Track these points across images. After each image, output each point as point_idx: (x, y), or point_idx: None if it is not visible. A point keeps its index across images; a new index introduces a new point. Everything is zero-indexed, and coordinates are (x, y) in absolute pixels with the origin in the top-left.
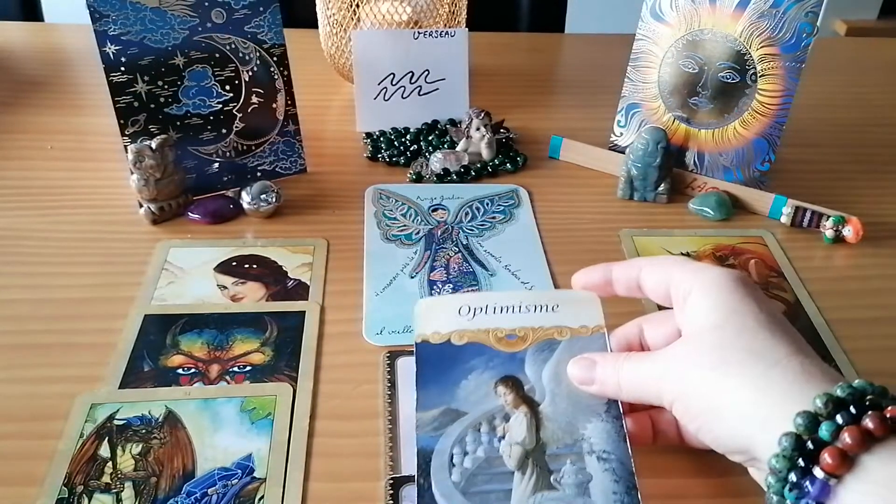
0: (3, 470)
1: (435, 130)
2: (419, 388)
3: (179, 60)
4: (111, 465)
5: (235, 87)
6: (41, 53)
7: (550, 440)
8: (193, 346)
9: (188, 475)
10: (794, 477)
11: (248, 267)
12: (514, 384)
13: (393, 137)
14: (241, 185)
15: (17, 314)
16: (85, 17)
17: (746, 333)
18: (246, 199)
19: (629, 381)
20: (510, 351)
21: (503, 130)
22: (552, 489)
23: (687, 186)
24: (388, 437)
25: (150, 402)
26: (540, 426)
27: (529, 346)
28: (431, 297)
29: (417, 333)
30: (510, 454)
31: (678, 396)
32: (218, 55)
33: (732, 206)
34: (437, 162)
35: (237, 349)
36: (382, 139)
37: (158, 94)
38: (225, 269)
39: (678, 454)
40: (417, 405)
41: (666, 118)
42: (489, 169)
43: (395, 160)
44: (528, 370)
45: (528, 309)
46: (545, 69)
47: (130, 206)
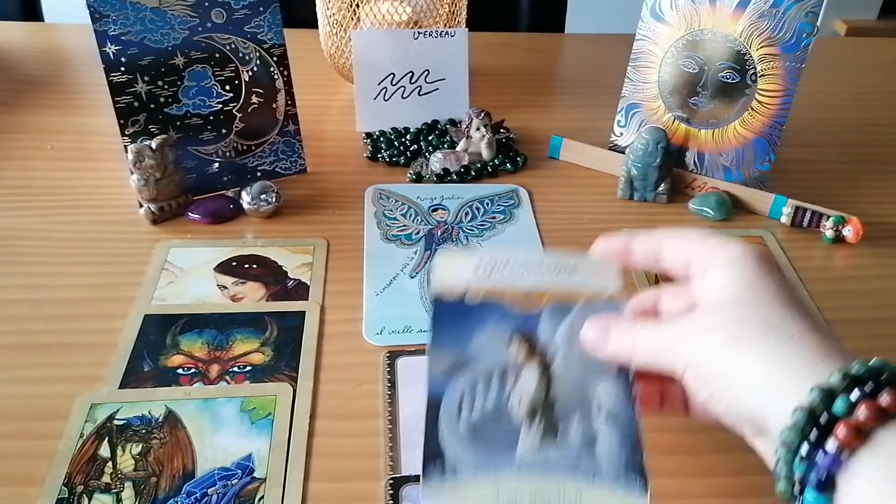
0: (3, 470)
1: (435, 130)
2: (433, 337)
3: (179, 60)
4: (111, 465)
5: (235, 87)
6: (41, 53)
7: (559, 396)
8: (193, 346)
9: (188, 475)
10: (804, 450)
11: (248, 267)
12: (527, 340)
13: (393, 137)
14: (241, 185)
15: (17, 314)
16: (85, 17)
17: (763, 308)
18: (246, 199)
19: (643, 347)
20: (526, 309)
21: (503, 130)
22: (558, 444)
23: (687, 186)
24: (388, 437)
25: (150, 402)
26: (550, 382)
27: (545, 306)
28: (451, 250)
29: (434, 288)
30: (519, 407)
31: (690, 365)
32: (218, 55)
33: (732, 206)
34: (437, 162)
35: (237, 349)
36: (382, 139)
37: (158, 94)
38: (225, 269)
39: (678, 454)
40: (431, 353)
41: (666, 118)
42: (489, 169)
43: (395, 160)
44: (542, 329)
45: (546, 270)
46: (545, 69)
47: (130, 206)
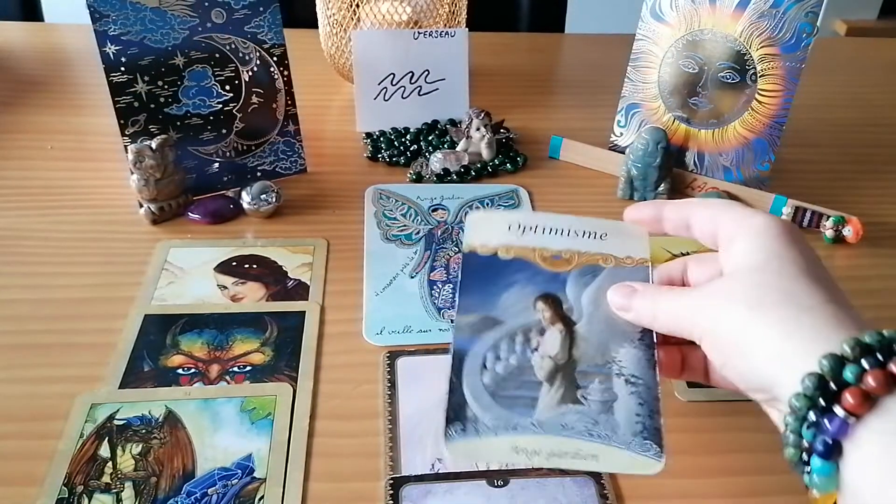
0: (3, 470)
1: (435, 130)
2: (461, 293)
3: (179, 60)
4: (111, 465)
5: (235, 87)
6: (41, 53)
7: (582, 358)
8: (193, 346)
9: (188, 475)
10: (813, 416)
11: (248, 267)
12: (553, 301)
13: (393, 137)
14: (241, 185)
15: (17, 314)
16: (85, 17)
17: (785, 277)
18: (246, 199)
19: (665, 311)
20: (554, 270)
21: (503, 130)
22: (577, 403)
23: (687, 186)
24: (388, 437)
25: (150, 402)
26: (573, 344)
27: (573, 268)
28: (484, 210)
29: (466, 244)
30: (541, 366)
31: (709, 330)
32: (218, 55)
33: None
34: (437, 162)
35: (237, 349)
36: (382, 139)
37: (158, 94)
38: (225, 269)
39: (678, 454)
40: (458, 309)
41: (666, 118)
42: (489, 169)
43: (395, 160)
44: (569, 291)
45: (576, 234)
46: (545, 69)
47: (130, 206)
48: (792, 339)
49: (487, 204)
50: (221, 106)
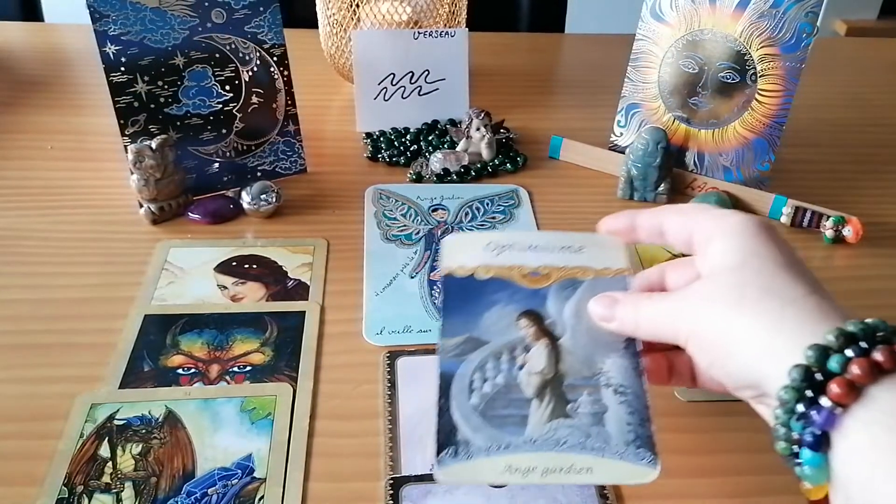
0: (3, 470)
1: (435, 130)
2: (444, 316)
3: (179, 60)
4: (111, 465)
5: (235, 87)
6: (41, 53)
7: (569, 372)
8: (193, 346)
9: (188, 475)
10: (801, 407)
11: (248, 267)
12: (535, 318)
13: (393, 137)
14: (241, 185)
15: (17, 314)
16: (85, 17)
17: (765, 274)
18: (246, 199)
19: (647, 318)
20: (534, 287)
21: (503, 130)
22: (568, 417)
23: (687, 186)
24: (388, 437)
25: (150, 402)
26: (559, 358)
27: (553, 283)
28: (458, 233)
29: (444, 266)
30: (529, 382)
31: (692, 333)
32: (218, 55)
33: (732, 206)
34: (437, 162)
35: (237, 349)
36: (382, 139)
37: (158, 94)
38: (225, 269)
39: (678, 454)
40: (442, 332)
41: (666, 118)
42: (489, 169)
43: (395, 160)
44: (550, 306)
45: (553, 249)
46: (545, 69)
47: (130, 206)
48: (777, 332)
49: (487, 204)
50: (221, 106)
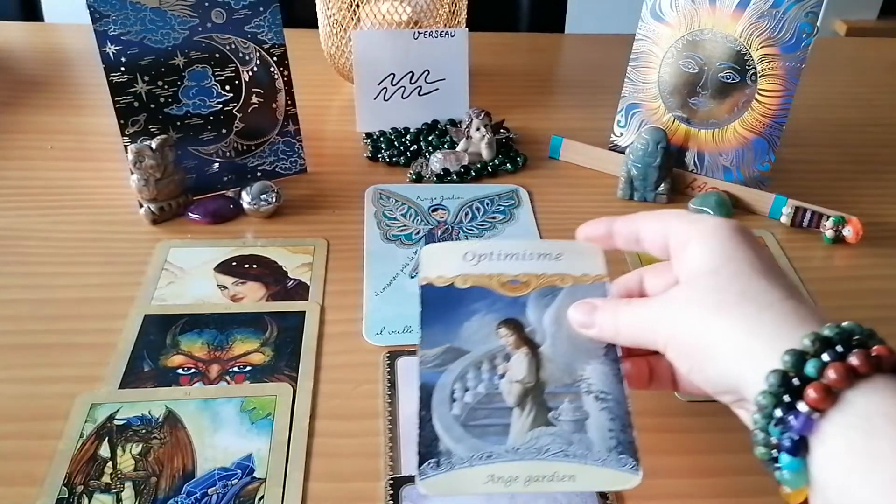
0: (3, 470)
1: (435, 130)
2: (423, 326)
3: (179, 60)
4: (111, 465)
5: (235, 87)
6: (41, 53)
7: (549, 380)
8: (193, 346)
9: (188, 475)
10: (779, 412)
11: (248, 267)
12: (515, 326)
13: (393, 137)
14: (241, 185)
15: (17, 314)
16: (85, 17)
17: (741, 278)
18: (246, 199)
19: (627, 324)
20: (513, 295)
21: (503, 130)
22: (549, 425)
23: (687, 186)
24: (388, 437)
25: (150, 402)
26: (540, 366)
27: (532, 291)
28: (437, 243)
29: (422, 277)
30: (510, 391)
31: (672, 338)
32: (218, 55)
33: (732, 206)
34: (437, 162)
35: (237, 349)
36: (382, 139)
37: (158, 94)
38: (225, 269)
39: (678, 454)
40: (421, 343)
41: (666, 118)
42: (489, 169)
43: (395, 160)
44: (529, 314)
45: (531, 257)
46: (545, 69)
47: (130, 206)
48: (754, 337)
49: (487, 204)
50: (221, 106)
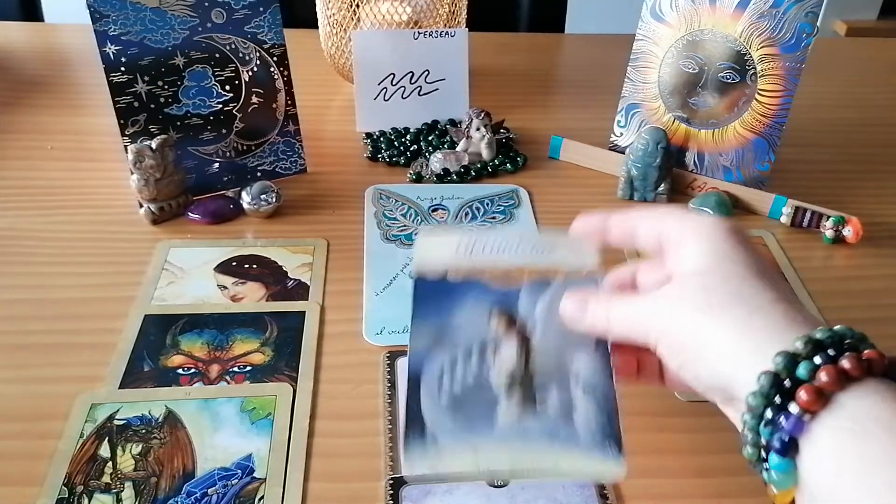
0: (3, 470)
1: (435, 130)
2: (415, 316)
3: (179, 60)
4: (111, 465)
5: (235, 87)
6: (41, 53)
7: (538, 370)
8: (193, 346)
9: (188, 475)
10: (769, 413)
11: (248, 267)
12: (506, 315)
13: (393, 137)
14: (241, 185)
15: (17, 314)
16: (85, 17)
17: (734, 279)
18: (246, 199)
19: (618, 318)
20: (505, 287)
21: (503, 130)
22: (537, 414)
23: (687, 186)
24: (388, 437)
25: (150, 402)
26: (529, 356)
27: (524, 283)
28: (430, 233)
29: (416, 266)
30: (498, 380)
31: (663, 335)
32: (218, 55)
33: (732, 206)
34: (437, 162)
35: (237, 349)
36: (382, 139)
37: (158, 94)
38: (225, 269)
39: (676, 455)
40: (412, 332)
41: (666, 118)
42: (489, 169)
43: (395, 160)
44: (521, 305)
45: (524, 249)
46: (545, 69)
47: (130, 206)
48: (746, 338)
49: (487, 204)
50: (221, 106)
